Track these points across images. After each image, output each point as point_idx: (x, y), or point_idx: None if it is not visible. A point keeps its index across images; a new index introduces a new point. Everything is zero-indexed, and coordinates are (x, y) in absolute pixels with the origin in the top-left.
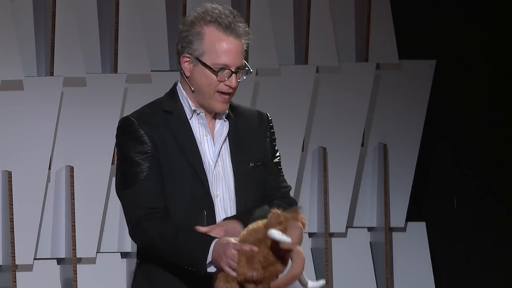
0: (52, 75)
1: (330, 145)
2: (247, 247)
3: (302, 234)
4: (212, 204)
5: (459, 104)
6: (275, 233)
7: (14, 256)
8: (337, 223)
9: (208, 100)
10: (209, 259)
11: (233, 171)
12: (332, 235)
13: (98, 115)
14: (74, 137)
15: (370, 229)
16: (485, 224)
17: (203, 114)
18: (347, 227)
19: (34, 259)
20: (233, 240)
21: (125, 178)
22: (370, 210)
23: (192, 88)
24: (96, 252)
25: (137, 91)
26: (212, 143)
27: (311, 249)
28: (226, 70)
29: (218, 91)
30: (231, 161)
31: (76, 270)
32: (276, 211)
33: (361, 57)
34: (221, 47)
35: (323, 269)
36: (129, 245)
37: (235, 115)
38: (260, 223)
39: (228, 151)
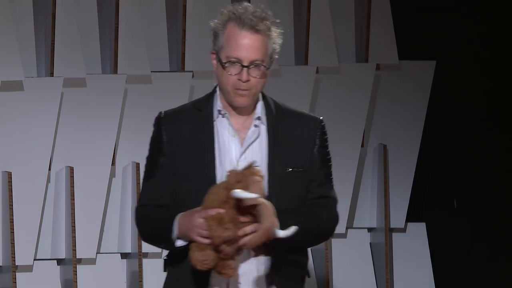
0: (52, 76)
1: (330, 145)
2: (213, 212)
3: (263, 186)
4: None
5: (459, 105)
6: (238, 192)
7: (14, 257)
8: None
9: (228, 95)
10: (175, 234)
11: (268, 174)
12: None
13: (98, 116)
14: (74, 137)
15: (370, 229)
16: (485, 224)
17: (228, 115)
18: (347, 228)
19: (34, 259)
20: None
21: (145, 173)
22: (370, 211)
23: (218, 85)
24: (96, 253)
25: (137, 92)
26: (240, 144)
27: (311, 249)
28: (236, 64)
29: (235, 88)
30: (267, 163)
31: (76, 271)
32: (232, 170)
33: (361, 58)
34: (235, 41)
35: (323, 270)
36: (129, 246)
37: (278, 117)
38: (218, 185)
39: (263, 153)
